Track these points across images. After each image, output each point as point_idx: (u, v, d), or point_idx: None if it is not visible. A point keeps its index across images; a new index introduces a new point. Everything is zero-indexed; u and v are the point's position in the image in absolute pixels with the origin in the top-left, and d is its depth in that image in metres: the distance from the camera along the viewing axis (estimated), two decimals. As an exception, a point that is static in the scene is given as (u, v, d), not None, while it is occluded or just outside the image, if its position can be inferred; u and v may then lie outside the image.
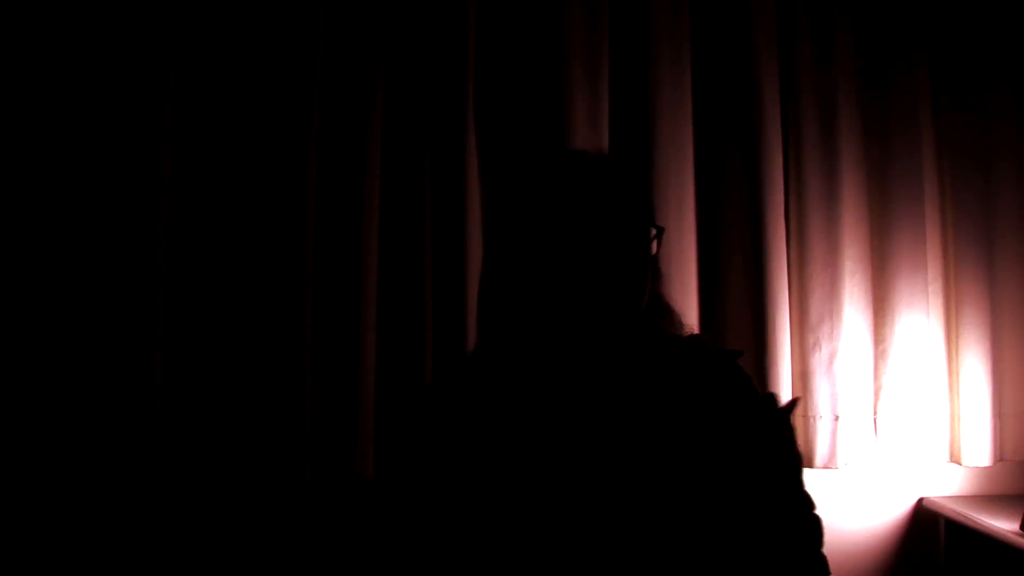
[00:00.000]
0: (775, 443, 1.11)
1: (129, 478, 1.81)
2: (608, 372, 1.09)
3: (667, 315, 1.16)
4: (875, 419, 2.06)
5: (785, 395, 2.02)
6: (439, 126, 1.99)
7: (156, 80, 1.86)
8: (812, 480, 2.09)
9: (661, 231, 1.11)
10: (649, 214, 1.11)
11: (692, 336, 1.17)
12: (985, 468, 2.13)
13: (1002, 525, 1.87)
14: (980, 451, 2.07)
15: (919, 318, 2.08)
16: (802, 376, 2.06)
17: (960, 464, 2.09)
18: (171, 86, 1.87)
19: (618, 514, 1.03)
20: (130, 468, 1.81)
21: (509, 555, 1.05)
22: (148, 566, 1.92)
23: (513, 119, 2.01)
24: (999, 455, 2.09)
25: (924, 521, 2.14)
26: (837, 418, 2.04)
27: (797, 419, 2.06)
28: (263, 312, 1.87)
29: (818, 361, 2.06)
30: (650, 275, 1.09)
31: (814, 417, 2.05)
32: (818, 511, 1.13)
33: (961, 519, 1.99)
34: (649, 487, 1.04)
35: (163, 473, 1.84)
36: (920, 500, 2.15)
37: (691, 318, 2.01)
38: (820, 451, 2.04)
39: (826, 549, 1.12)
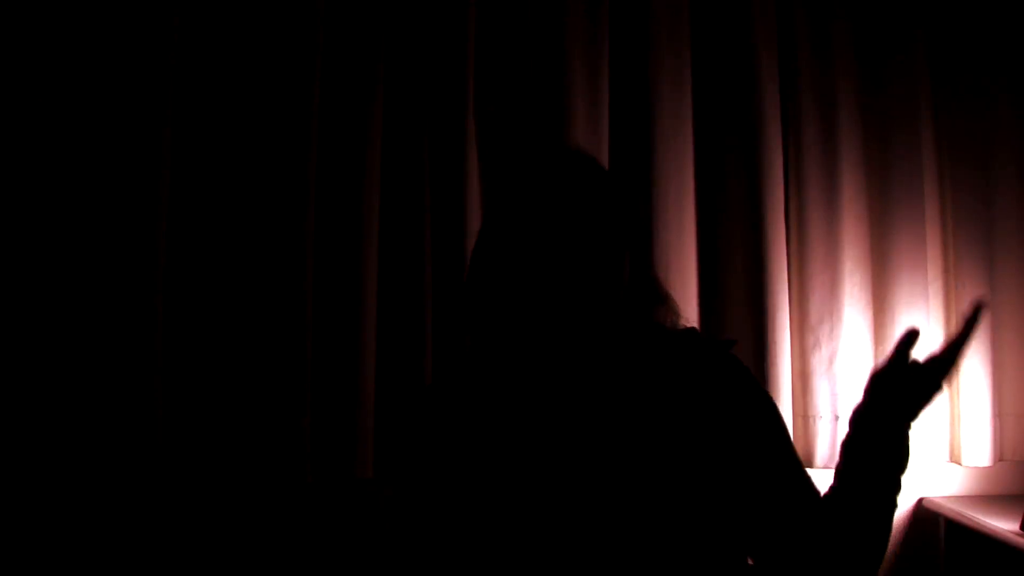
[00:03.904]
0: (774, 429, 1.10)
1: (130, 478, 1.81)
2: (600, 367, 1.09)
3: (662, 304, 1.14)
4: (875, 419, 2.06)
5: (786, 396, 2.02)
6: (439, 126, 1.99)
7: (156, 84, 1.86)
8: (812, 480, 2.09)
9: (638, 220, 1.10)
10: (619, 202, 1.09)
11: (686, 329, 1.17)
12: (985, 468, 2.13)
13: (1002, 525, 1.87)
14: (980, 451, 2.07)
15: (919, 318, 2.08)
16: (802, 376, 2.07)
17: (960, 464, 2.09)
18: (171, 90, 1.87)
19: (613, 508, 1.03)
20: (131, 468, 1.81)
21: (507, 554, 1.05)
22: (148, 566, 1.92)
23: (513, 119, 2.01)
24: (999, 455, 2.09)
25: (924, 521, 2.13)
26: (837, 418, 2.04)
27: (797, 419, 2.06)
28: (263, 313, 1.87)
29: (818, 361, 2.06)
30: (626, 261, 1.07)
31: (814, 417, 2.05)
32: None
33: (961, 519, 1.99)
34: (643, 481, 1.04)
35: (164, 472, 1.84)
36: (920, 500, 2.15)
37: (691, 318, 2.01)
38: (820, 451, 2.04)
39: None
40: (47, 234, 1.83)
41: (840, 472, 1.10)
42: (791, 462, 1.10)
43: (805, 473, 1.11)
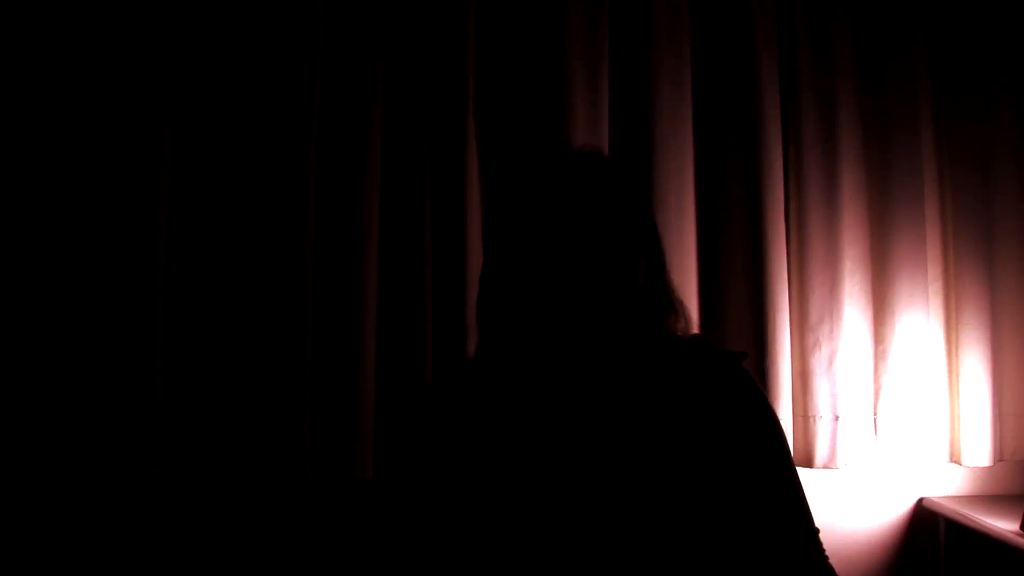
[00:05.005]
0: (775, 448, 1.10)
1: (130, 478, 1.81)
2: (605, 373, 1.09)
3: (673, 312, 1.14)
4: (875, 419, 2.06)
5: (786, 396, 2.02)
6: (439, 127, 1.99)
7: (156, 84, 1.85)
8: (812, 480, 2.11)
9: (654, 226, 1.10)
10: (638, 209, 1.09)
11: (694, 337, 1.16)
12: (985, 468, 2.13)
13: (1002, 525, 1.87)
14: (980, 451, 2.07)
15: (919, 318, 2.08)
16: (802, 376, 2.06)
17: (960, 464, 2.09)
18: (171, 90, 1.87)
19: (612, 514, 1.03)
20: (131, 468, 1.81)
21: (507, 554, 1.05)
22: (148, 566, 1.92)
23: (513, 120, 2.01)
24: (999, 455, 2.09)
25: (924, 521, 2.14)
26: (837, 418, 2.04)
27: (797, 419, 2.06)
28: (263, 313, 1.87)
29: (818, 361, 2.06)
30: (642, 267, 1.07)
31: (814, 417, 2.05)
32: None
33: (961, 519, 1.99)
34: (642, 486, 1.04)
35: (164, 472, 1.84)
36: (920, 500, 2.15)
37: (691, 318, 2.01)
38: (820, 451, 2.04)
39: (826, 549, 1.12)
40: (47, 234, 1.83)
41: None
42: (787, 487, 1.09)
43: (800, 498, 1.11)
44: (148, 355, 1.82)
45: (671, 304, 1.14)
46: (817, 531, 1.12)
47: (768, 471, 1.08)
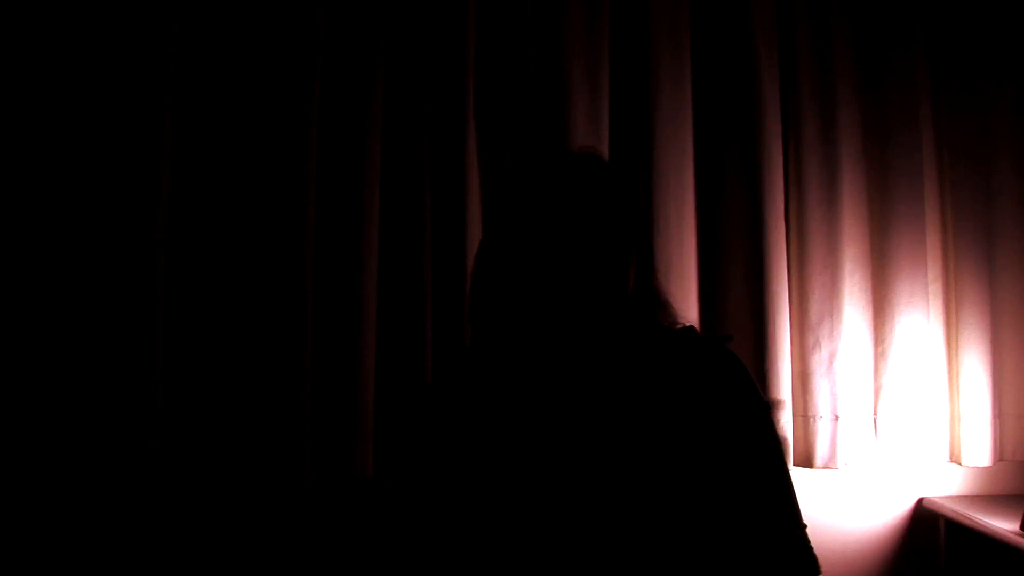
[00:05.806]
0: (764, 431, 1.12)
1: (129, 478, 1.81)
2: (599, 364, 1.10)
3: (662, 308, 1.18)
4: (875, 419, 2.06)
5: (786, 396, 2.02)
6: (439, 126, 1.99)
7: (155, 83, 1.86)
8: (812, 480, 2.11)
9: (647, 228, 1.13)
10: (633, 211, 1.11)
11: (685, 327, 1.18)
12: (985, 468, 2.13)
13: (1002, 525, 1.87)
14: (980, 451, 2.07)
15: (919, 318, 2.08)
16: (802, 376, 2.06)
17: (960, 464, 2.09)
18: (170, 89, 1.87)
19: (612, 508, 1.04)
20: (130, 468, 1.81)
21: (508, 552, 1.05)
22: (148, 566, 1.92)
23: (513, 119, 2.01)
24: (999, 455, 2.09)
25: (924, 521, 2.14)
26: (837, 418, 2.04)
27: (797, 419, 2.06)
28: (263, 313, 1.87)
29: (818, 361, 2.06)
30: (633, 268, 1.09)
31: (814, 417, 2.05)
32: (806, 525, 1.12)
33: (961, 519, 1.99)
34: (641, 478, 1.04)
35: (163, 473, 1.84)
36: (920, 500, 2.15)
37: (691, 318, 2.01)
38: (820, 451, 2.04)
39: (826, 549, 1.12)
40: (48, 234, 1.83)
41: None
42: (772, 465, 1.10)
43: (785, 477, 1.12)
44: (148, 355, 1.82)
45: (659, 302, 1.17)
46: (799, 510, 1.13)
47: (752, 449, 1.10)
